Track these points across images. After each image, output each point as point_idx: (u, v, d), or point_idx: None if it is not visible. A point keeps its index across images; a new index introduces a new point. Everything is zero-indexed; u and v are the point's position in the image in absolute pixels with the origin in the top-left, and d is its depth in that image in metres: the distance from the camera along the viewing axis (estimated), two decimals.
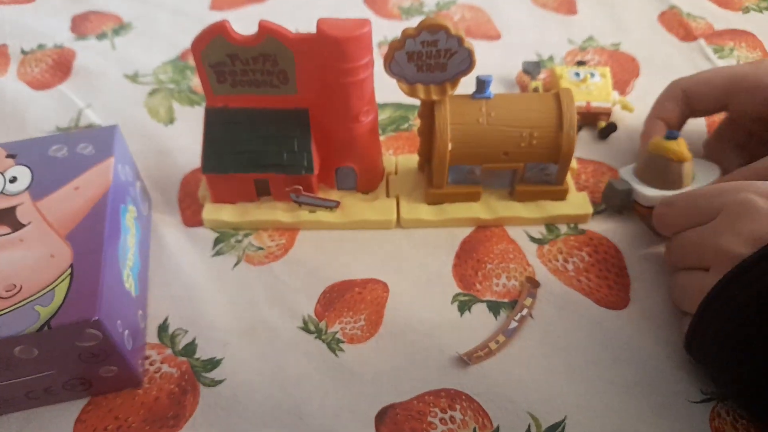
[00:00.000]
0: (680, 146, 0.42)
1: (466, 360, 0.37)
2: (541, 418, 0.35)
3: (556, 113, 0.41)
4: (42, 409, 0.35)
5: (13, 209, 0.36)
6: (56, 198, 0.37)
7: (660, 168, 0.43)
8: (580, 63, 0.56)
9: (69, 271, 0.33)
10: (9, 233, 0.35)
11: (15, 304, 0.31)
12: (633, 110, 0.53)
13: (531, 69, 0.58)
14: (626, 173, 0.46)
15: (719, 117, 0.49)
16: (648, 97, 0.49)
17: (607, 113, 0.52)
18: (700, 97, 0.46)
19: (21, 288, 0.32)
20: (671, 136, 0.42)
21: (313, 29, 0.38)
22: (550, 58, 0.61)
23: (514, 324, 0.39)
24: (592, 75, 0.53)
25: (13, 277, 0.32)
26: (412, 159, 0.48)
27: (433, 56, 0.39)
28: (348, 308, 0.40)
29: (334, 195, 0.46)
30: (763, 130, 0.45)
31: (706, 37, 0.63)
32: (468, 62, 0.39)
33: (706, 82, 0.46)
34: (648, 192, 0.43)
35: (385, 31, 0.64)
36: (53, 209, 0.36)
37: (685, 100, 0.46)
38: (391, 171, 0.48)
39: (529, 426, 0.35)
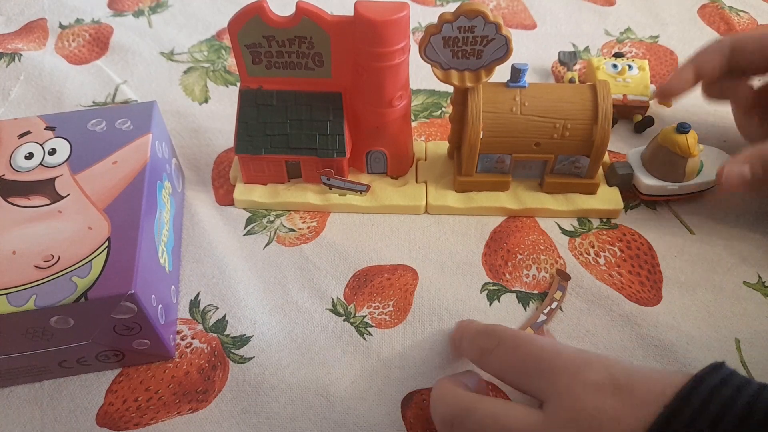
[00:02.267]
0: (689, 141, 0.41)
1: None
2: None
3: (591, 105, 0.41)
4: (74, 377, 0.36)
5: (52, 180, 0.36)
6: (95, 172, 0.37)
7: (665, 159, 0.43)
8: (618, 55, 0.54)
9: (106, 244, 0.33)
10: (48, 204, 0.35)
11: (53, 274, 0.31)
12: (671, 105, 0.52)
13: (567, 59, 0.57)
14: (633, 156, 0.45)
15: None
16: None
17: (644, 107, 0.51)
18: (747, 53, 0.44)
19: (59, 259, 0.32)
20: (682, 129, 0.41)
21: (349, 12, 0.37)
22: (586, 49, 0.60)
23: (543, 316, 0.39)
24: (630, 67, 0.52)
25: (51, 248, 0.33)
26: (442, 145, 0.48)
27: (469, 42, 0.38)
28: (377, 293, 0.40)
29: (364, 179, 0.46)
30: None
31: None
32: (504, 50, 0.38)
33: (758, 38, 0.44)
34: (648, 181, 0.43)
35: (419, 17, 0.64)
36: (91, 183, 0.36)
37: (730, 54, 0.45)
38: (421, 157, 0.48)
39: None
